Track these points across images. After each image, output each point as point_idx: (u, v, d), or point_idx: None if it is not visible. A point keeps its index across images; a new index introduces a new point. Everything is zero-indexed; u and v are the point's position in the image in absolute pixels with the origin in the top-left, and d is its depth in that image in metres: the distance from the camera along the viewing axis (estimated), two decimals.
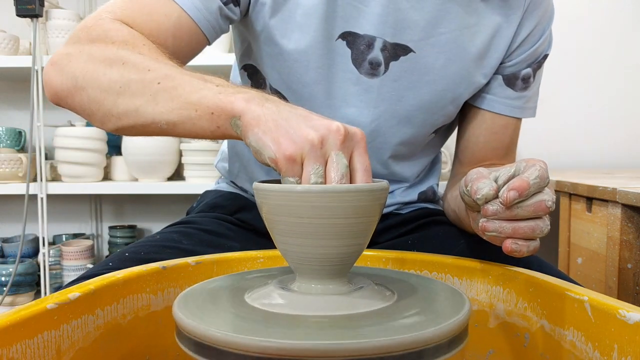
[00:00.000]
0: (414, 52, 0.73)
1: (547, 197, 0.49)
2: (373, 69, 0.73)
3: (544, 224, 0.50)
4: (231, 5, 0.69)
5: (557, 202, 1.30)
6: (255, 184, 0.45)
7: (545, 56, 0.80)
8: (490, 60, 0.77)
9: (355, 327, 0.39)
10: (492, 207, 0.49)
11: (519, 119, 0.82)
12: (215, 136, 0.54)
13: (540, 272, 0.55)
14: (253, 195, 0.60)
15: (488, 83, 0.79)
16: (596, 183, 1.12)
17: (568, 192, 1.24)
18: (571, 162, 1.96)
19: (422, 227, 0.82)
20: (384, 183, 0.45)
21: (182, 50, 0.67)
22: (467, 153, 0.84)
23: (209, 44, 0.70)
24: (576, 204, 1.21)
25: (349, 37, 0.72)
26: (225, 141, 0.98)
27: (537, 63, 0.80)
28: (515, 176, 0.50)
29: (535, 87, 0.82)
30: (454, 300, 0.44)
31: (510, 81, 0.79)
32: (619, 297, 1.02)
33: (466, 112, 0.83)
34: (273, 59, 0.74)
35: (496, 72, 0.79)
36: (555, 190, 1.30)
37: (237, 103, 0.50)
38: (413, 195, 0.87)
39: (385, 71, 0.73)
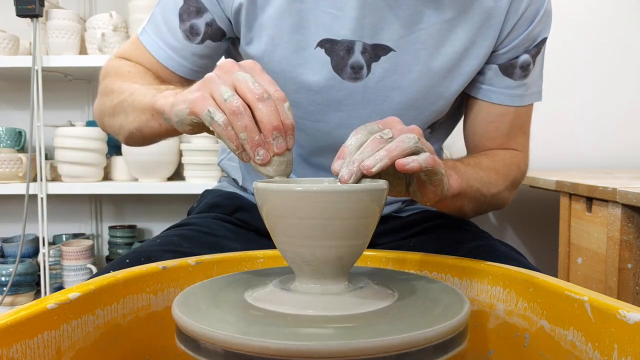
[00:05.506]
0: (394, 50, 0.72)
1: (375, 131, 0.50)
2: (355, 73, 0.73)
3: (407, 137, 0.49)
4: (208, 41, 0.76)
5: (557, 202, 1.30)
6: (255, 184, 0.45)
7: (544, 40, 0.77)
8: (478, 50, 0.74)
9: (355, 327, 0.39)
10: (344, 169, 0.47)
11: (521, 106, 0.80)
12: (169, 133, 0.65)
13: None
14: (253, 195, 0.60)
15: (483, 73, 0.77)
16: (596, 183, 1.12)
17: (568, 192, 1.24)
18: (572, 162, 1.96)
19: (423, 232, 0.81)
20: (383, 183, 0.45)
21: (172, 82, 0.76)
22: (469, 144, 0.84)
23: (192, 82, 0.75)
24: (576, 204, 1.21)
25: (327, 45, 0.72)
26: None
27: (536, 48, 0.76)
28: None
29: (536, 74, 0.79)
30: (453, 300, 0.44)
31: (508, 70, 0.77)
32: (619, 297, 1.02)
33: (467, 102, 0.82)
34: None
35: (490, 62, 0.76)
36: (555, 191, 1.30)
37: (158, 102, 0.60)
38: None
39: (368, 73, 0.73)
